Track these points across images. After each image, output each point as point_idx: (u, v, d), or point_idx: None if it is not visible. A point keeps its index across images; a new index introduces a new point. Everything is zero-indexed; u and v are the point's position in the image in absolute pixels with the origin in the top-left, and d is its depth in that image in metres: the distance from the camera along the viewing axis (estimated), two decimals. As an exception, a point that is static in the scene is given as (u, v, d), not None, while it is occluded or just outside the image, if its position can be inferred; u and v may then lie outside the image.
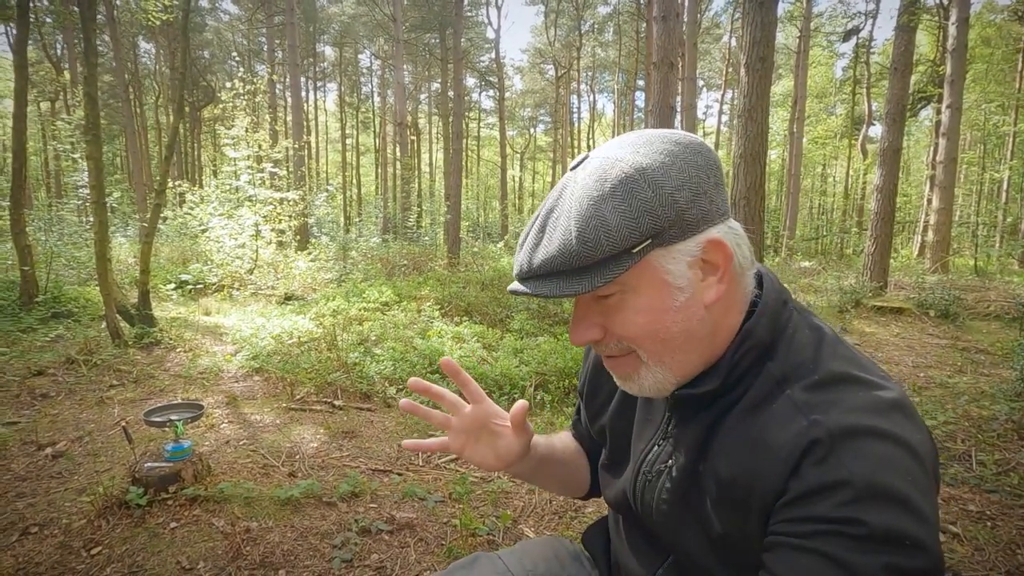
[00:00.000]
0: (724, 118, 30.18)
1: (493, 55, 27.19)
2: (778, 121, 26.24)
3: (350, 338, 4.88)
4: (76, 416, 3.35)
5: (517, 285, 0.65)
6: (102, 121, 4.93)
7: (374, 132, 34.27)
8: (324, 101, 38.70)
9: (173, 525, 2.14)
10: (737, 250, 0.64)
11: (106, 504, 2.19)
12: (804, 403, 0.60)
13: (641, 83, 26.63)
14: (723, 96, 27.09)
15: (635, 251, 0.60)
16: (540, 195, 40.19)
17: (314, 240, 12.94)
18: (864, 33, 20.59)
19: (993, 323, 6.72)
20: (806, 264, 13.89)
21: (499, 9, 25.13)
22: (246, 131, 9.21)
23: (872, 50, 21.58)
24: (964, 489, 2.54)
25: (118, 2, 13.78)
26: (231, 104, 9.56)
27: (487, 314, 6.03)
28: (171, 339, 5.05)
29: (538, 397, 3.66)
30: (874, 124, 21.34)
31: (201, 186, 10.70)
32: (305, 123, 20.58)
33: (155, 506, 2.23)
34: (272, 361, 4.36)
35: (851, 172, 24.30)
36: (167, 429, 2.37)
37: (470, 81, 32.22)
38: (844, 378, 0.61)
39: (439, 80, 28.99)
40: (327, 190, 13.36)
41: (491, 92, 34.38)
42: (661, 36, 6.20)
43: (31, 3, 5.96)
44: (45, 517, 2.22)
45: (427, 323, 5.51)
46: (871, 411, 0.57)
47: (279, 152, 9.67)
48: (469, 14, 26.64)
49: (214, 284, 8.04)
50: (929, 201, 13.98)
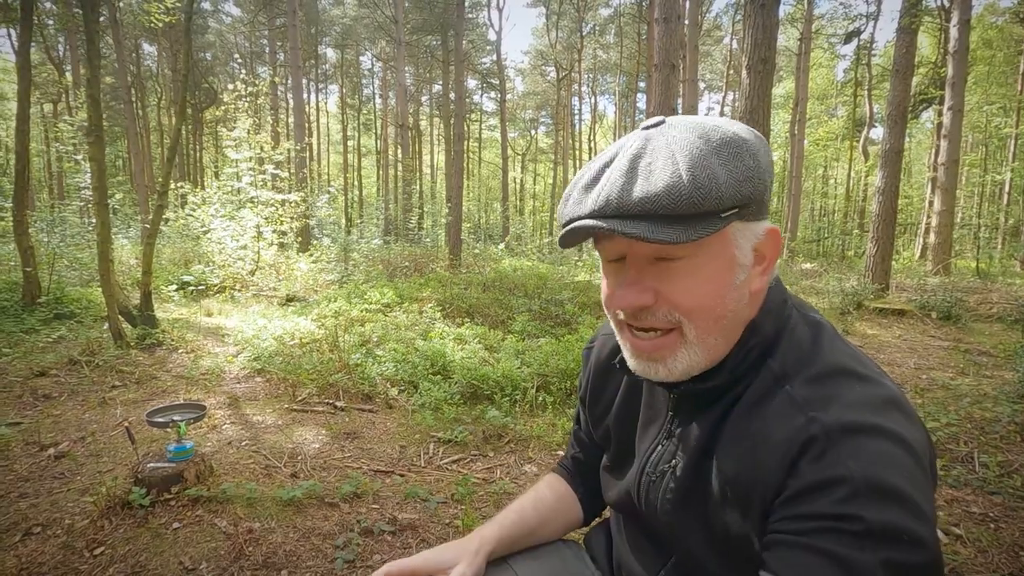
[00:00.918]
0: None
1: (494, 57, 27.22)
2: (779, 123, 26.25)
3: (352, 339, 4.88)
4: (78, 417, 3.36)
5: (588, 223, 0.59)
6: (104, 123, 4.94)
7: (375, 134, 34.33)
8: (326, 103, 38.75)
9: (176, 525, 2.14)
10: (784, 247, 0.65)
11: (109, 504, 2.19)
12: (803, 399, 0.60)
13: (643, 85, 26.66)
14: (724, 98, 27.09)
15: (723, 215, 0.58)
16: (541, 197, 40.14)
17: (316, 242, 12.95)
18: (865, 35, 20.61)
19: (995, 325, 6.71)
20: (808, 266, 13.89)
21: (500, 11, 25.22)
22: (248, 133, 9.22)
23: (873, 52, 21.60)
24: (967, 491, 2.53)
25: (121, 4, 13.79)
26: (233, 106, 9.58)
27: (489, 316, 6.03)
28: (173, 340, 5.06)
29: (540, 398, 3.66)
30: (875, 126, 21.35)
31: (203, 188, 10.71)
32: (307, 125, 20.62)
33: (158, 506, 2.23)
34: (274, 362, 4.36)
35: (852, 174, 24.31)
36: (169, 430, 2.37)
37: (471, 83, 32.28)
38: (842, 371, 0.62)
39: (440, 82, 29.06)
40: (329, 192, 13.38)
41: (492, 94, 34.46)
42: (663, 38, 6.20)
43: (35, 5, 5.98)
44: (48, 517, 2.22)
45: (429, 324, 5.51)
46: (868, 408, 0.57)
47: (281, 154, 9.68)
48: (470, 16, 26.70)
49: (216, 285, 8.05)
50: (931, 203, 13.97)
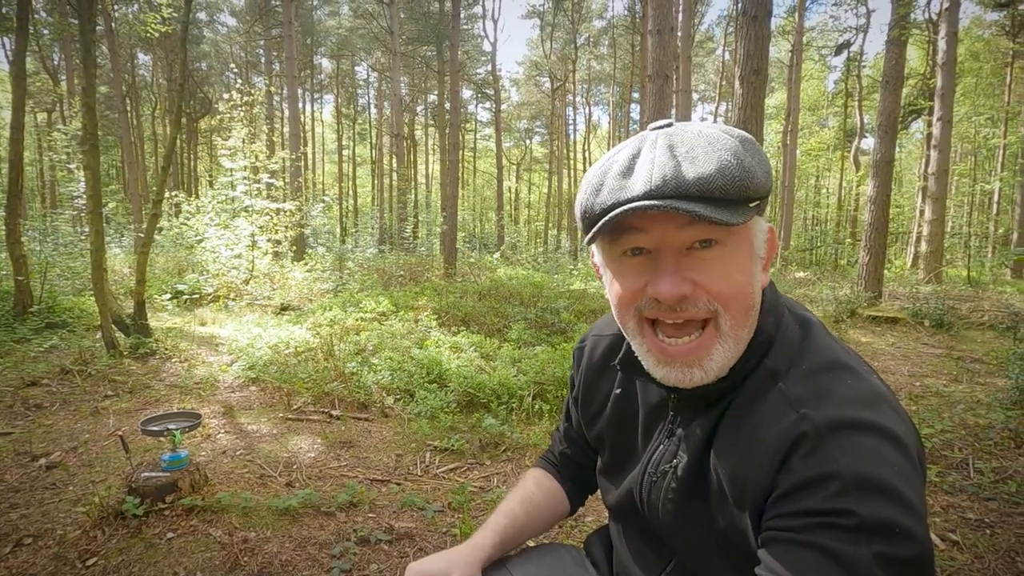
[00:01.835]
0: (718, 130, 30.40)
1: (489, 67, 27.42)
2: (772, 133, 26.51)
3: (347, 348, 4.86)
4: (70, 427, 3.32)
5: (644, 203, 0.57)
6: (99, 132, 4.94)
7: (371, 143, 34.42)
8: (321, 112, 38.87)
9: (170, 535, 2.11)
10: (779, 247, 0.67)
11: (102, 515, 2.16)
12: (795, 396, 0.61)
13: (636, 96, 26.91)
14: (717, 109, 27.36)
15: (752, 205, 0.59)
16: (536, 206, 40.28)
17: (310, 251, 12.92)
18: (855, 47, 20.90)
19: (987, 333, 6.76)
20: (801, 275, 13.97)
21: (495, 22, 25.51)
22: (243, 142, 9.22)
23: (863, 64, 21.90)
24: (962, 497, 2.54)
25: (116, 14, 13.82)
26: (228, 115, 9.59)
27: (485, 324, 6.02)
28: (167, 349, 5.02)
29: (536, 407, 3.65)
30: (866, 136, 21.61)
31: (197, 197, 10.69)
32: (302, 134, 20.64)
33: (152, 516, 2.20)
34: (269, 371, 4.33)
35: (844, 184, 24.55)
36: (164, 439, 2.35)
37: (466, 93, 32.46)
38: (832, 365, 0.63)
39: (435, 92, 29.18)
40: (323, 201, 13.39)
41: (487, 104, 34.60)
42: (656, 49, 6.27)
43: (30, 15, 5.99)
44: (39, 528, 2.19)
45: (424, 333, 5.50)
46: (857, 403, 0.58)
47: (276, 163, 9.68)
48: (465, 27, 26.89)
49: (210, 294, 8.01)
50: (922, 212, 14.12)
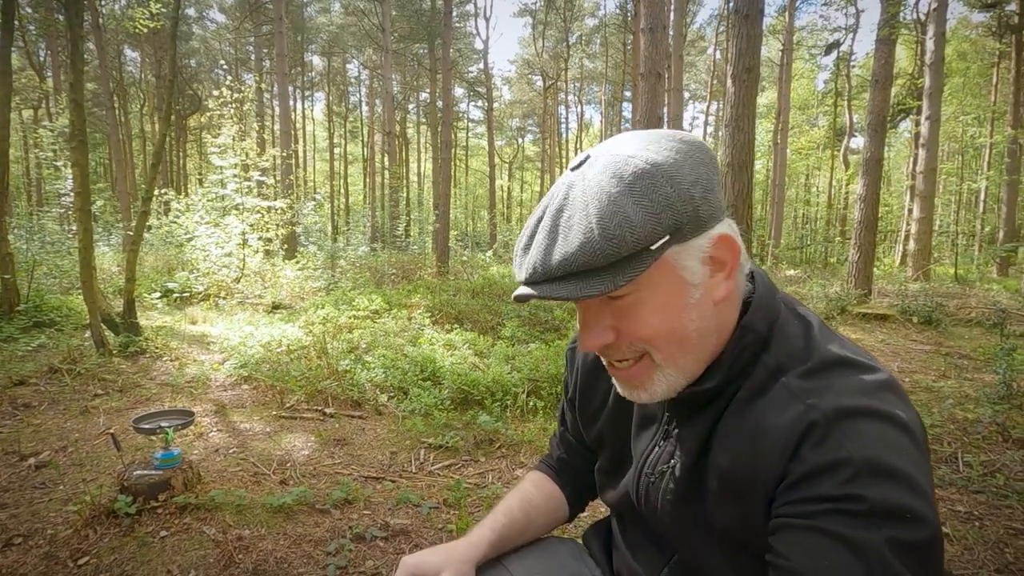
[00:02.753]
0: (710, 129, 30.63)
1: (481, 65, 27.38)
2: (762, 132, 26.66)
3: (340, 346, 4.84)
4: (60, 426, 3.28)
5: (526, 290, 0.61)
6: (87, 128, 4.88)
7: (362, 141, 34.25)
8: (312, 110, 38.66)
9: (163, 534, 2.10)
10: (741, 246, 0.65)
11: (93, 514, 2.14)
12: (800, 389, 0.61)
13: (628, 94, 26.95)
14: (708, 107, 27.54)
15: (654, 248, 0.59)
16: (528, 204, 40.29)
17: (302, 249, 12.84)
18: (845, 47, 21.13)
19: (975, 329, 6.85)
20: (791, 272, 14.07)
21: (487, 20, 25.48)
22: (233, 139, 9.14)
23: (853, 63, 22.07)
24: (952, 490, 2.57)
25: (104, 10, 13.65)
26: (218, 112, 9.50)
27: (478, 321, 6.02)
28: (157, 348, 4.98)
29: (531, 403, 3.65)
30: (855, 135, 21.82)
31: (187, 195, 10.58)
32: (293, 132, 20.51)
33: (144, 515, 2.18)
34: (261, 369, 4.30)
35: (834, 182, 24.74)
36: (156, 437, 2.33)
37: (458, 91, 32.36)
38: (836, 362, 0.63)
39: (427, 90, 29.10)
40: (315, 199, 13.31)
41: (479, 102, 34.59)
42: (648, 47, 6.28)
43: (15, 10, 5.90)
44: (29, 528, 2.16)
45: (418, 331, 5.49)
46: (864, 392, 0.59)
47: (267, 161, 9.60)
48: (458, 25, 26.83)
49: (200, 293, 7.94)
50: (910, 211, 14.26)
